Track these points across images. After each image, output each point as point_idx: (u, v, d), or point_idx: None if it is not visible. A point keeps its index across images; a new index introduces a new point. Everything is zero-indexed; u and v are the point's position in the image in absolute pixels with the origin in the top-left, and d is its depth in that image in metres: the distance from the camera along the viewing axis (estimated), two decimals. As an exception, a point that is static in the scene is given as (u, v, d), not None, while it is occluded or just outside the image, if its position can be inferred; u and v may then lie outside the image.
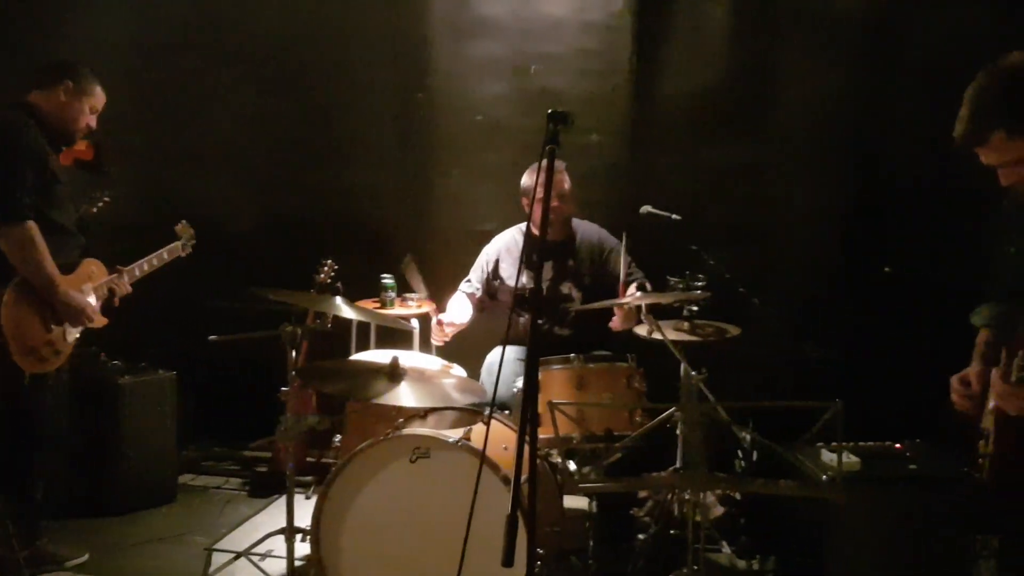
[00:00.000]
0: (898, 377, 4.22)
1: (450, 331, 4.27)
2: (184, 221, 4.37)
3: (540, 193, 3.92)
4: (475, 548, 2.70)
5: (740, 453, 3.98)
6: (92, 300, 3.79)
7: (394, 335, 4.73)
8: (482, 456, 2.65)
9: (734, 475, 3.22)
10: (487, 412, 3.40)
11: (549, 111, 2.16)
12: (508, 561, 1.88)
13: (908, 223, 4.64)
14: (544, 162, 2.15)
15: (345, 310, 3.56)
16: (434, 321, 4.27)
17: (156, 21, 5.26)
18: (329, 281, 4.09)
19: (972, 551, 3.15)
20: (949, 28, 4.44)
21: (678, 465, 3.68)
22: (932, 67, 4.50)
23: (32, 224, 3.47)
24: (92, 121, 3.87)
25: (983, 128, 2.43)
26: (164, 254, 4.19)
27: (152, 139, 5.27)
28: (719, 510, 4.34)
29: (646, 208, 4.23)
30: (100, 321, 3.86)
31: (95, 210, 4.21)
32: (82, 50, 5.12)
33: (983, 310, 2.83)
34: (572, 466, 3.82)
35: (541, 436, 3.37)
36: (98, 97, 3.86)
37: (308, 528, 3.37)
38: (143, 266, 4.08)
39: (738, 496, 4.38)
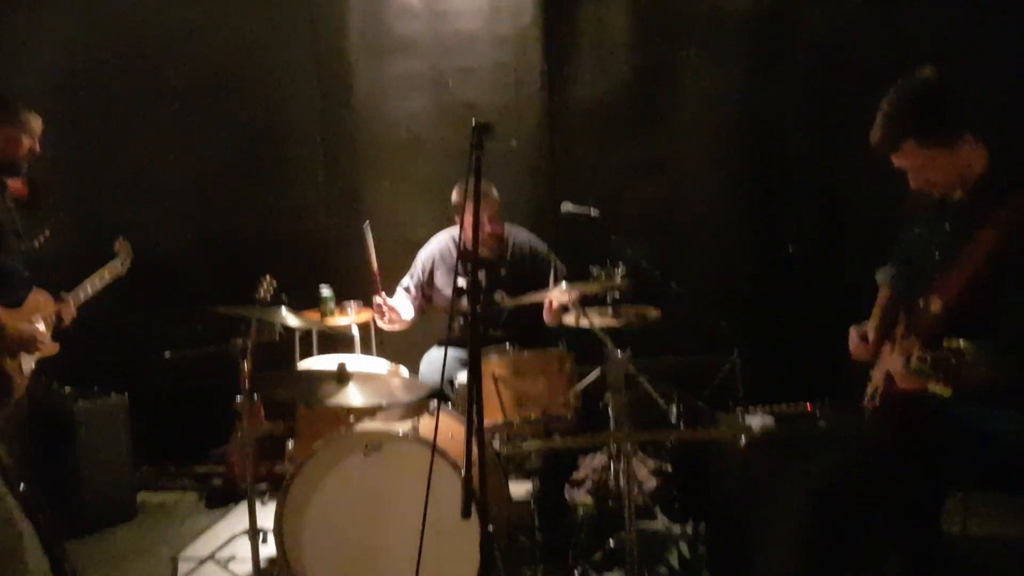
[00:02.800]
0: (806, 343, 4.42)
1: (395, 318, 4.34)
2: (121, 237, 4.37)
3: (471, 216, 4.11)
4: (431, 531, 2.89)
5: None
6: (41, 328, 3.84)
7: (335, 342, 4.87)
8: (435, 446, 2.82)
9: (657, 428, 3.37)
10: (432, 405, 3.61)
11: (474, 122, 2.31)
12: (466, 513, 2.07)
13: (806, 205, 4.87)
14: (472, 177, 2.32)
15: (292, 320, 3.69)
16: (377, 299, 4.29)
17: (83, 52, 5.27)
18: (269, 297, 4.16)
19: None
20: (831, 23, 4.73)
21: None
22: (817, 59, 4.79)
23: None
24: (35, 146, 3.85)
25: (896, 136, 2.65)
26: (105, 273, 4.19)
27: (85, 169, 5.27)
28: (653, 482, 4.59)
29: (566, 205, 4.34)
30: (52, 348, 3.90)
31: (37, 245, 4.18)
32: (9, 84, 5.13)
33: (886, 269, 3.10)
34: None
35: (486, 422, 3.55)
36: (33, 125, 3.84)
37: (270, 528, 3.46)
38: (86, 288, 4.09)
39: (669, 468, 4.63)
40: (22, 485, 1.42)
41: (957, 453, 2.77)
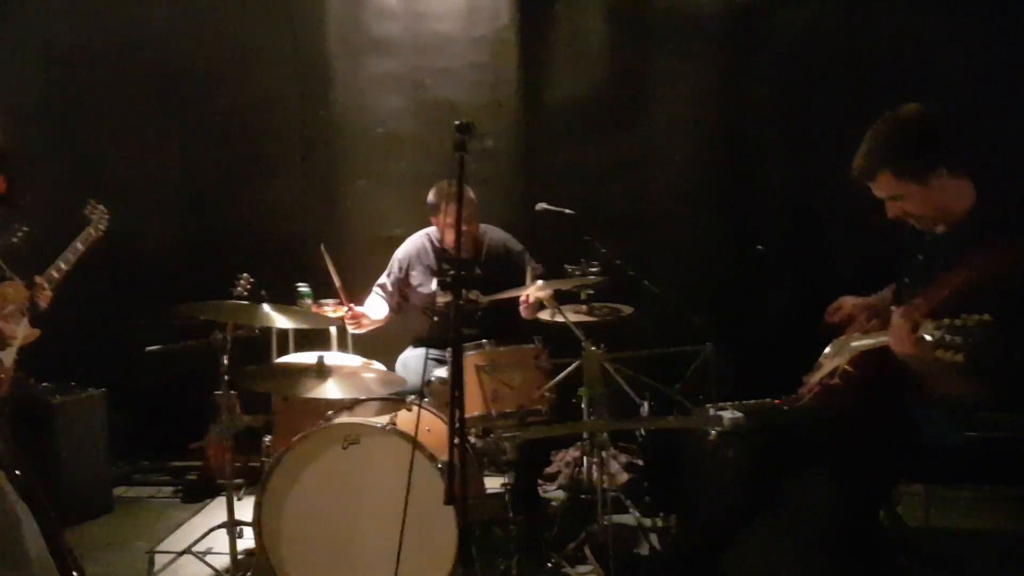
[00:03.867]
0: (775, 340, 4.44)
1: (366, 322, 4.41)
2: (91, 200, 4.31)
3: (451, 218, 4.14)
4: (409, 521, 2.93)
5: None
6: (23, 320, 3.80)
7: (311, 339, 4.86)
8: (414, 440, 2.87)
9: (633, 418, 3.40)
10: (410, 399, 3.64)
11: (456, 123, 2.37)
12: (449, 499, 2.12)
13: (774, 204, 4.96)
14: (455, 179, 2.38)
15: (277, 318, 3.70)
16: (346, 311, 4.38)
17: (62, 51, 5.27)
18: (246, 293, 4.17)
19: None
20: (800, 26, 4.83)
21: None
22: (787, 62, 4.89)
23: None
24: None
25: (874, 167, 2.76)
26: (78, 245, 4.12)
27: (65, 166, 5.26)
28: (624, 476, 4.65)
29: (541, 205, 4.41)
30: (32, 334, 3.88)
31: (15, 240, 4.18)
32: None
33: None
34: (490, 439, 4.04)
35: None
36: None
37: (248, 521, 3.50)
38: (60, 266, 4.03)
39: (641, 463, 4.70)
40: (17, 472, 1.44)
41: (902, 447, 2.84)
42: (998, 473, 4.23)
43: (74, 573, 1.44)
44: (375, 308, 4.53)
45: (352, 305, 4.39)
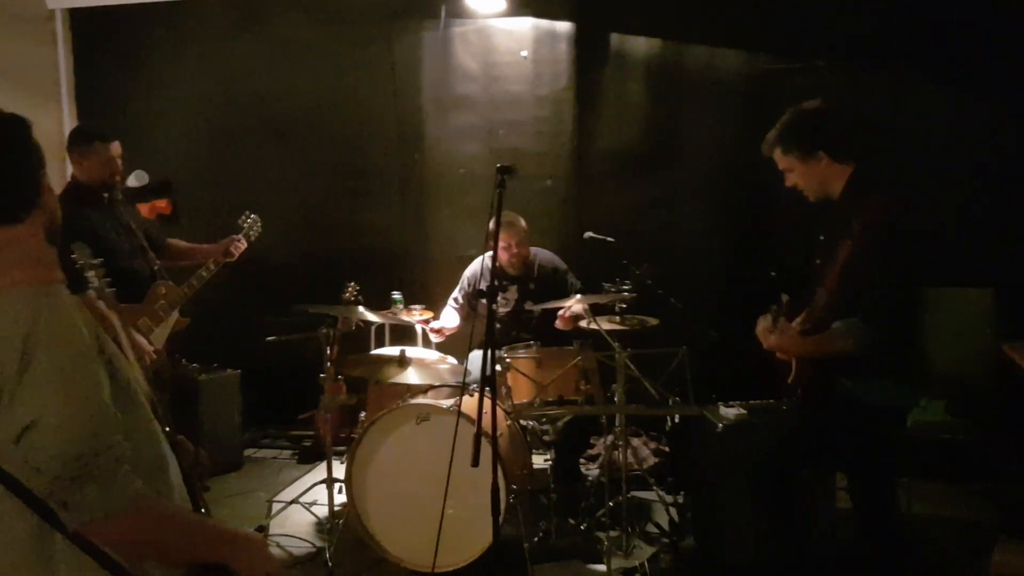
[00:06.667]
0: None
1: (445, 331, 4.50)
2: (247, 212, 4.26)
3: (501, 241, 4.18)
4: (463, 484, 3.00)
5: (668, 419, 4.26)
6: (174, 312, 3.88)
7: (401, 336, 4.96)
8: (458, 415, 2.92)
9: (644, 404, 3.35)
10: (473, 387, 3.72)
11: (498, 165, 2.43)
12: (475, 462, 2.15)
13: (787, 238, 4.87)
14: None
15: (369, 316, 3.82)
16: (428, 328, 4.51)
17: (216, 103, 5.49)
18: (353, 299, 4.28)
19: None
20: (802, 90, 4.68)
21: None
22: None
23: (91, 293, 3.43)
24: (115, 166, 3.79)
25: (771, 144, 2.88)
26: (211, 265, 4.01)
27: (217, 195, 5.45)
28: (653, 460, 4.63)
29: (589, 233, 4.44)
30: (182, 322, 3.95)
31: None
32: (160, 134, 5.45)
33: None
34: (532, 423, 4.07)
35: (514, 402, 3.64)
36: (101, 152, 3.74)
37: (342, 478, 3.63)
38: (201, 275, 3.95)
39: (667, 449, 4.67)
40: (167, 428, 1.59)
41: (857, 423, 2.74)
42: (967, 470, 4.13)
43: (203, 509, 1.61)
44: (449, 318, 4.60)
45: (433, 327, 4.51)
